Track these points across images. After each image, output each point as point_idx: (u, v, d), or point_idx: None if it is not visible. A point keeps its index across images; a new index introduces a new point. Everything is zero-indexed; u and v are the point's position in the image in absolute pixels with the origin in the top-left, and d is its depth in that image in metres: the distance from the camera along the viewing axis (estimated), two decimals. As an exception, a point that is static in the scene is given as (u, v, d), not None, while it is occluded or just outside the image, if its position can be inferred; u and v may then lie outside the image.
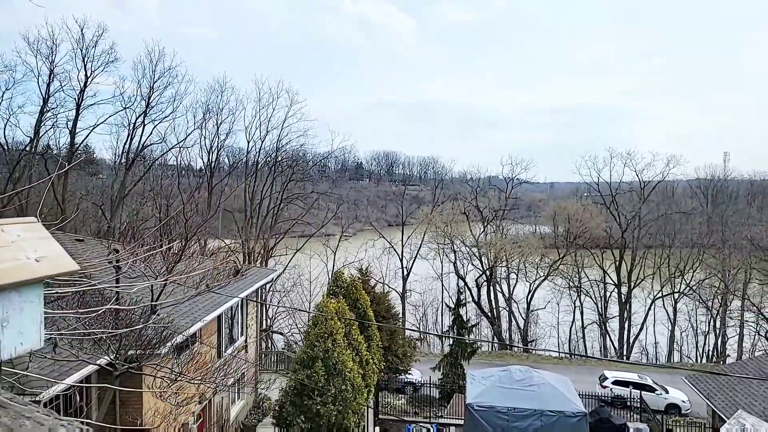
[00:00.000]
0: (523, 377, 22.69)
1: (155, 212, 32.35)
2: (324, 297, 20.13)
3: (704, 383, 24.53)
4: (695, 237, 55.40)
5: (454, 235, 50.29)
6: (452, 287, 49.61)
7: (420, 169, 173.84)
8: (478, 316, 50.89)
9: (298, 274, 40.83)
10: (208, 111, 41.50)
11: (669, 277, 50.43)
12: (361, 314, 21.67)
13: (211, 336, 18.12)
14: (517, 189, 63.53)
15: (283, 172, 43.17)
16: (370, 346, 21.20)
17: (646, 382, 29.95)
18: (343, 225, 51.24)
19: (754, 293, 47.69)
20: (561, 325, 52.60)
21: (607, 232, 54.80)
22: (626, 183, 58.51)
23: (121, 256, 9.72)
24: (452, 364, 28.99)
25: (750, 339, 48.47)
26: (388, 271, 49.27)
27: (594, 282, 52.70)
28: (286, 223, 43.33)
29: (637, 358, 48.27)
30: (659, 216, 56.81)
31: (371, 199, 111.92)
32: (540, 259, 51.15)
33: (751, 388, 21.75)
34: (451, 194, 65.09)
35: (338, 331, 17.89)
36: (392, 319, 26.18)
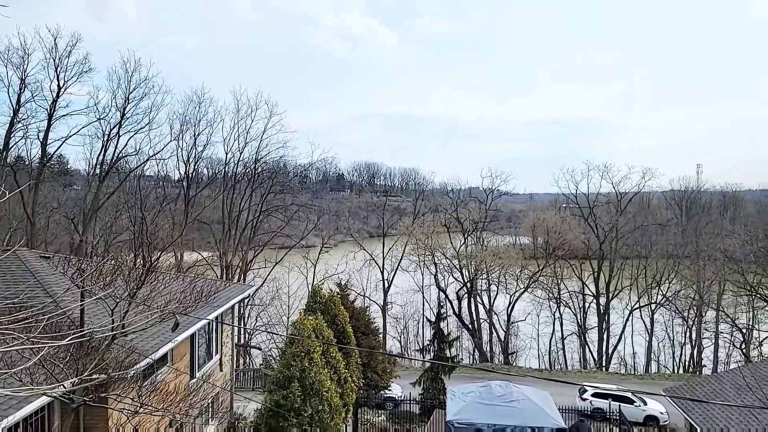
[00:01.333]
0: (503, 393, 22.54)
1: (130, 225, 31.54)
2: (301, 314, 19.75)
3: (681, 395, 24.68)
4: (671, 248, 56.31)
5: (434, 247, 50.23)
6: (433, 299, 49.45)
7: (401, 180, 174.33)
8: (459, 329, 50.73)
9: (277, 288, 40.20)
10: (185, 122, 40.91)
11: (646, 288, 51.06)
12: (339, 330, 21.32)
13: (183, 356, 17.56)
14: (497, 200, 63.96)
15: (262, 183, 42.65)
16: (349, 363, 20.82)
17: (625, 394, 30.05)
18: (324, 236, 50.79)
19: (728, 304, 48.53)
20: (541, 336, 52.79)
21: (585, 244, 55.38)
22: (603, 195, 59.37)
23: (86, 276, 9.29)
24: (432, 379, 28.69)
25: (725, 350, 49.24)
26: (369, 283, 48.91)
27: (573, 293, 53.08)
28: (265, 235, 42.73)
29: (615, 369, 48.61)
30: (636, 227, 57.66)
31: (353, 210, 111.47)
32: (520, 271, 51.36)
33: (727, 399, 21.93)
34: (431, 206, 65.18)
35: (315, 350, 17.50)
36: (372, 334, 25.83)
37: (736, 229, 58.24)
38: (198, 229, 43.28)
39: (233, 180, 42.41)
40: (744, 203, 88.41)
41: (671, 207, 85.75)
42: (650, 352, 50.13)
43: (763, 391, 20.39)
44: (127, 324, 8.35)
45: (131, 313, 9.12)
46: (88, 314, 12.51)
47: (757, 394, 20.63)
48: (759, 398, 19.89)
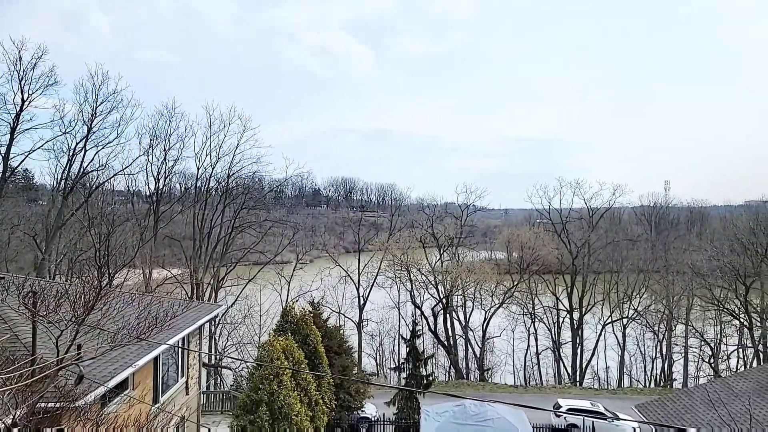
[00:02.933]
0: (478, 412, 22.37)
1: (96, 242, 30.52)
2: (271, 334, 19.26)
3: (652, 411, 24.86)
4: (641, 263, 57.37)
5: (410, 263, 50.08)
6: (409, 316, 49.15)
7: (378, 196, 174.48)
8: (434, 346, 50.43)
9: (249, 306, 39.35)
10: (155, 137, 40.11)
11: (618, 303, 51.73)
12: (311, 351, 20.86)
13: (146, 379, 16.85)
14: (472, 216, 64.34)
15: (235, 199, 42.00)
16: (321, 384, 20.33)
17: (598, 409, 30.17)
18: (299, 252, 50.14)
19: (696, 318, 49.51)
20: (516, 352, 52.85)
21: (558, 259, 55.97)
22: (576, 210, 60.29)
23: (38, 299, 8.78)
24: (407, 398, 28.31)
25: (695, 364, 50.07)
26: (344, 300, 48.35)
27: (547, 308, 53.45)
28: (238, 251, 41.96)
29: (589, 384, 48.89)
30: (607, 243, 58.62)
31: (329, 226, 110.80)
32: (495, 287, 51.53)
33: (698, 416, 22.12)
34: (408, 221, 65.19)
35: (285, 372, 17.03)
36: (345, 354, 25.36)
37: (702, 244, 59.82)
38: (169, 246, 42.25)
39: (205, 195, 41.64)
40: (710, 219, 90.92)
41: (641, 222, 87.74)
42: (623, 367, 50.64)
43: (732, 407, 20.63)
44: (77, 350, 7.88)
45: (83, 338, 8.64)
46: (43, 339, 11.90)
47: (728, 408, 20.87)
48: (729, 413, 20.10)
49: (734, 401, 21.02)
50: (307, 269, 50.08)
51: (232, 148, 41.54)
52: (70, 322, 7.73)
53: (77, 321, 7.49)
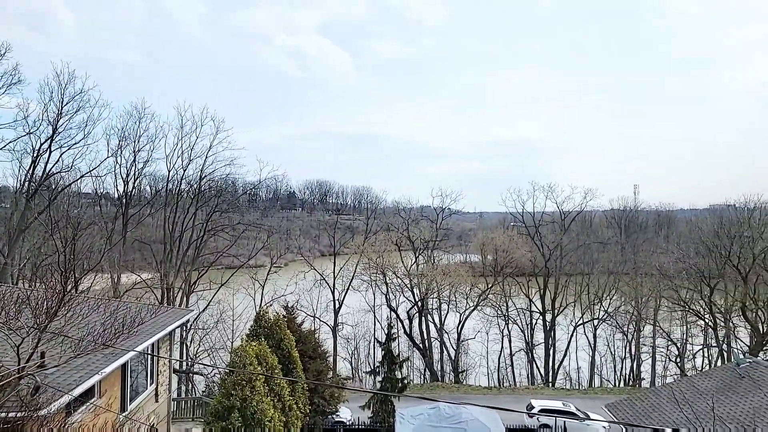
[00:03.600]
0: (452, 414, 22.50)
1: (61, 246, 29.57)
2: (244, 339, 18.98)
3: (622, 411, 25.40)
4: (611, 265, 58.70)
5: (386, 266, 50.10)
6: (384, 319, 49.12)
7: (354, 199, 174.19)
8: (410, 348, 50.53)
9: (221, 311, 38.69)
10: (124, 138, 39.12)
11: (589, 304, 52.78)
12: (285, 356, 20.63)
13: (113, 387, 16.39)
14: (447, 219, 64.77)
15: (207, 202, 41.29)
16: (295, 389, 20.12)
17: (569, 409, 30.68)
18: (273, 256, 49.61)
19: (663, 319, 50.87)
20: (490, 354, 53.35)
21: (532, 261, 56.81)
22: (548, 214, 61.32)
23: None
24: (382, 402, 28.27)
25: (662, 363, 51.43)
26: (319, 303, 48.02)
27: (521, 310, 54.14)
28: (210, 255, 41.25)
29: (561, 384, 49.69)
30: (579, 246, 59.80)
31: (304, 229, 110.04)
32: (470, 289, 51.94)
33: (664, 414, 22.69)
34: (383, 224, 65.22)
35: (258, 378, 16.79)
36: (320, 358, 25.18)
37: (669, 247, 61.60)
38: (138, 250, 41.29)
39: (176, 198, 40.80)
40: (677, 222, 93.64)
41: (611, 226, 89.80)
42: (593, 367, 51.64)
43: (697, 406, 21.23)
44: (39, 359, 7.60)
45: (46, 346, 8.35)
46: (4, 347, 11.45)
47: (693, 407, 21.46)
48: (693, 412, 20.67)
49: (699, 400, 21.64)
50: (282, 273, 49.58)
51: (205, 149, 40.91)
52: (32, 329, 7.46)
53: (39, 328, 7.22)
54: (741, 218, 50.59)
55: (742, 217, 50.74)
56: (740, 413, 19.62)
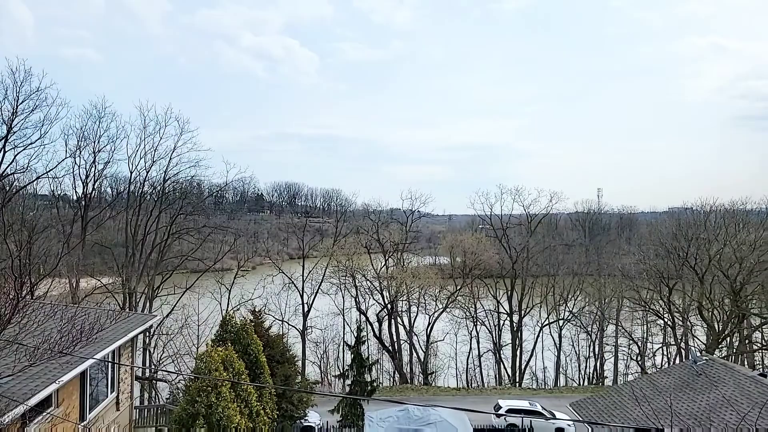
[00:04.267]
0: (421, 416, 22.58)
1: (16, 250, 28.29)
2: (209, 345, 18.59)
3: (586, 409, 26.00)
4: (576, 266, 60.17)
5: (355, 269, 49.98)
6: (354, 322, 48.98)
7: (323, 201, 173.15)
8: (379, 351, 50.52)
9: (186, 316, 37.77)
10: (83, 138, 37.74)
11: (554, 305, 53.92)
12: (252, 361, 20.30)
13: (72, 396, 15.78)
14: (417, 222, 65.12)
15: (171, 204, 40.25)
16: (262, 394, 19.81)
17: (536, 408, 31.22)
18: (241, 259, 48.82)
19: (625, 318, 52.44)
20: (459, 355, 53.86)
21: (499, 264, 57.67)
22: (515, 216, 62.38)
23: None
24: (351, 405, 28.13)
25: (624, 362, 52.99)
26: (288, 307, 47.50)
27: (489, 312, 54.85)
28: (175, 259, 40.23)
29: (528, 384, 50.54)
30: (545, 248, 61.06)
31: (272, 232, 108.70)
32: (439, 291, 52.33)
33: (626, 411, 23.34)
34: (353, 227, 65.08)
35: (224, 383, 16.47)
36: (288, 362, 24.88)
37: (631, 248, 63.60)
38: (99, 254, 39.93)
39: (139, 200, 39.63)
40: (638, 225, 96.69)
41: (576, 228, 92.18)
42: (559, 367, 52.75)
43: (656, 402, 21.92)
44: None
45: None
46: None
47: (653, 403, 22.14)
48: (652, 409, 21.33)
49: (658, 397, 22.34)
50: (249, 277, 48.83)
51: (169, 150, 39.86)
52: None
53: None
54: (697, 221, 52.62)
55: (699, 220, 52.77)
56: (697, 409, 20.34)
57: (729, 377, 21.75)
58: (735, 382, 21.20)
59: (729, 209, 53.96)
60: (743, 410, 18.24)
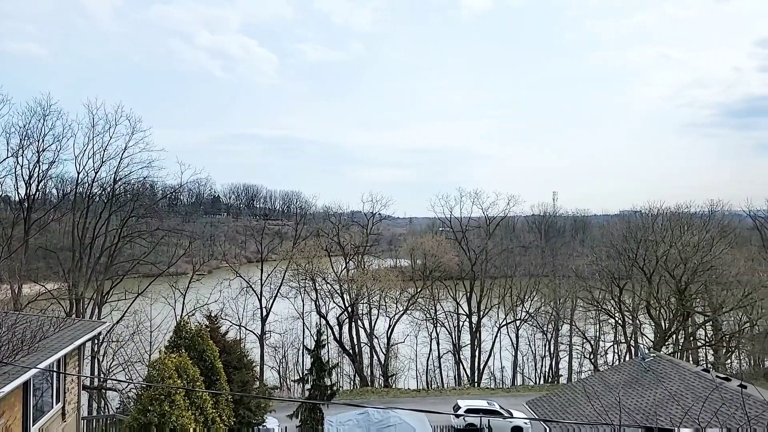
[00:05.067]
0: (381, 418, 22.59)
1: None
2: (162, 351, 17.96)
3: (541, 407, 26.65)
4: (532, 268, 61.74)
5: (315, 272, 49.55)
6: (314, 326, 48.53)
7: (282, 204, 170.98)
8: (339, 355, 50.24)
9: (137, 323, 36.39)
10: (26, 136, 35.82)
11: (512, 306, 55.13)
12: (208, 367, 19.75)
13: (13, 408, 14.90)
14: (378, 224, 65.23)
15: (122, 206, 38.73)
16: (218, 401, 19.31)
17: (494, 407, 31.76)
18: (196, 263, 47.52)
19: (579, 318, 54.19)
20: (419, 357, 54.23)
21: (459, 266, 58.48)
22: (475, 219, 63.49)
23: None
24: (311, 409, 27.87)
25: (578, 360, 54.72)
26: (245, 312, 46.56)
27: (448, 313, 55.51)
28: (126, 263, 38.72)
29: (486, 384, 51.40)
30: (503, 250, 62.38)
31: (229, 235, 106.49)
32: (399, 294, 52.57)
33: (579, 408, 24.07)
34: (313, 230, 64.55)
35: (178, 391, 15.94)
36: (246, 368, 24.37)
37: (584, 250, 65.75)
38: (43, 258, 37.97)
39: (87, 202, 37.90)
40: (591, 227, 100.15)
41: (532, 230, 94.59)
42: (516, 366, 53.92)
43: (607, 399, 22.69)
44: None
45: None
46: None
47: (603, 400, 22.91)
48: (603, 405, 22.06)
49: (609, 393, 23.13)
50: (205, 281, 47.60)
51: (119, 150, 38.26)
52: None
53: None
54: (646, 224, 55.01)
55: (647, 223, 55.18)
56: (645, 404, 21.17)
57: (675, 373, 22.76)
58: (680, 378, 22.20)
59: (675, 212, 56.76)
60: (688, 404, 19.11)
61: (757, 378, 44.05)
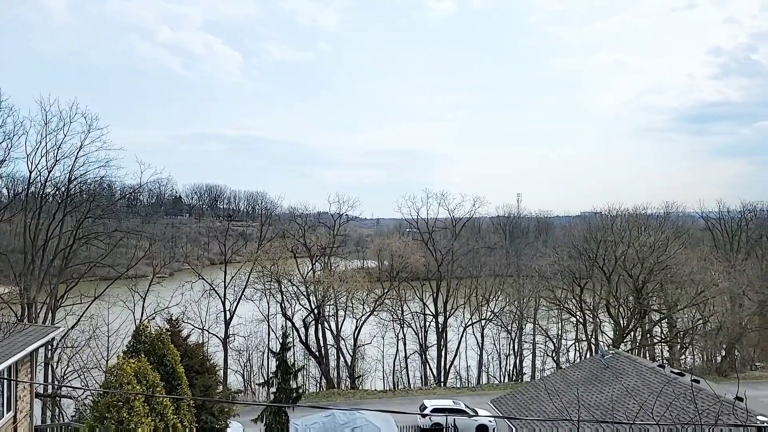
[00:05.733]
0: (347, 420, 22.53)
1: None
2: (120, 357, 17.35)
3: (505, 405, 27.09)
4: (497, 268, 62.77)
5: (281, 274, 48.90)
6: (279, 329, 47.86)
7: (247, 204, 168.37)
8: (306, 357, 49.75)
9: (94, 327, 35.04)
10: (-28, 133, 34.01)
11: (477, 306, 55.88)
12: (168, 372, 19.19)
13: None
14: (345, 225, 64.93)
15: (78, 207, 37.22)
16: (180, 407, 18.80)
17: (459, 406, 32.07)
18: (156, 265, 46.15)
19: (542, 317, 55.44)
20: (385, 357, 54.29)
21: (425, 266, 58.85)
22: (441, 220, 64.03)
23: None
24: (276, 413, 27.45)
25: (541, 358, 55.95)
26: (208, 315, 45.51)
27: (415, 314, 55.79)
28: (82, 265, 37.23)
29: (452, 384, 51.93)
30: (468, 250, 63.15)
31: (191, 236, 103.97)
32: (366, 295, 52.48)
33: (541, 405, 24.58)
34: (279, 231, 63.73)
35: (137, 397, 15.42)
36: (208, 372, 23.82)
37: (547, 251, 67.33)
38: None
39: (39, 202, 36.27)
40: (553, 228, 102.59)
41: (497, 231, 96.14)
42: (481, 365, 54.68)
43: (568, 396, 23.25)
44: None
45: None
46: None
47: (564, 397, 23.46)
48: (563, 402, 22.58)
49: (570, 390, 23.68)
50: (166, 284, 46.27)
51: (75, 149, 36.65)
52: None
53: None
54: (605, 225, 56.77)
55: (606, 224, 56.94)
56: (604, 400, 21.78)
57: (632, 369, 23.51)
58: (637, 374, 22.94)
59: (632, 214, 58.78)
60: (644, 399, 19.76)
61: (709, 373, 46.06)
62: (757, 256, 59.51)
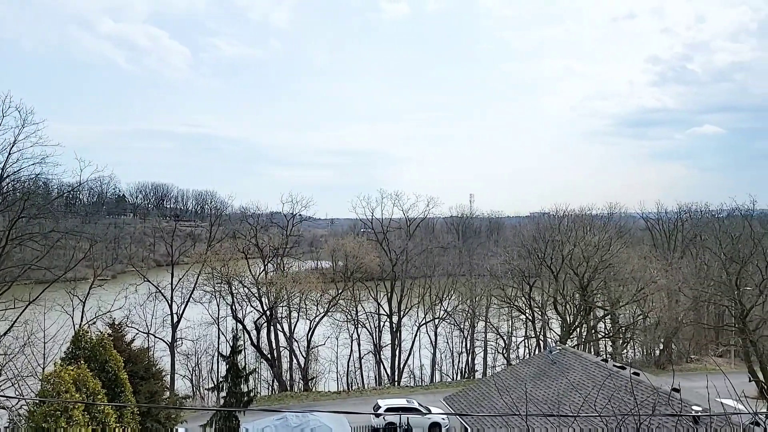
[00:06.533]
0: (300, 423, 22.22)
1: None
2: (57, 364, 16.40)
3: (458, 402, 27.51)
4: (450, 268, 63.75)
5: (231, 275, 47.69)
6: (230, 331, 46.66)
7: (196, 204, 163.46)
8: (257, 360, 48.77)
9: (29, 333, 32.90)
10: None
11: (431, 305, 56.52)
12: (111, 378, 18.35)
13: None
14: (299, 226, 64.12)
15: (11, 206, 34.92)
16: (123, 414, 17.97)
17: (413, 405, 32.31)
18: (98, 267, 43.94)
19: (493, 315, 56.73)
20: (340, 358, 54.00)
21: (380, 266, 58.99)
22: (395, 221, 64.38)
23: None
24: (226, 418, 26.81)
25: (492, 355, 57.27)
26: (154, 319, 43.74)
27: (369, 314, 55.81)
28: (15, 268, 34.88)
29: (406, 383, 52.26)
30: (422, 250, 63.81)
31: (136, 237, 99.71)
32: (320, 296, 52.03)
33: (493, 402, 25.11)
34: (229, 231, 62.17)
35: (77, 406, 14.64)
36: (154, 378, 22.93)
37: (498, 250, 68.93)
38: None
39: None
40: (504, 228, 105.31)
41: (451, 231, 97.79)
42: (434, 364, 55.33)
43: (517, 391, 23.86)
44: None
45: None
46: None
47: (514, 393, 24.05)
48: (513, 397, 23.17)
49: (519, 385, 24.30)
50: (108, 286, 44.08)
51: (8, 144, 34.33)
52: None
53: None
54: (553, 225, 58.78)
55: (554, 224, 58.97)
56: (551, 395, 22.45)
57: (578, 364, 24.39)
58: (583, 368, 23.81)
59: (578, 214, 61.23)
60: (588, 392, 20.53)
61: (648, 365, 48.55)
62: (691, 254, 63.25)
